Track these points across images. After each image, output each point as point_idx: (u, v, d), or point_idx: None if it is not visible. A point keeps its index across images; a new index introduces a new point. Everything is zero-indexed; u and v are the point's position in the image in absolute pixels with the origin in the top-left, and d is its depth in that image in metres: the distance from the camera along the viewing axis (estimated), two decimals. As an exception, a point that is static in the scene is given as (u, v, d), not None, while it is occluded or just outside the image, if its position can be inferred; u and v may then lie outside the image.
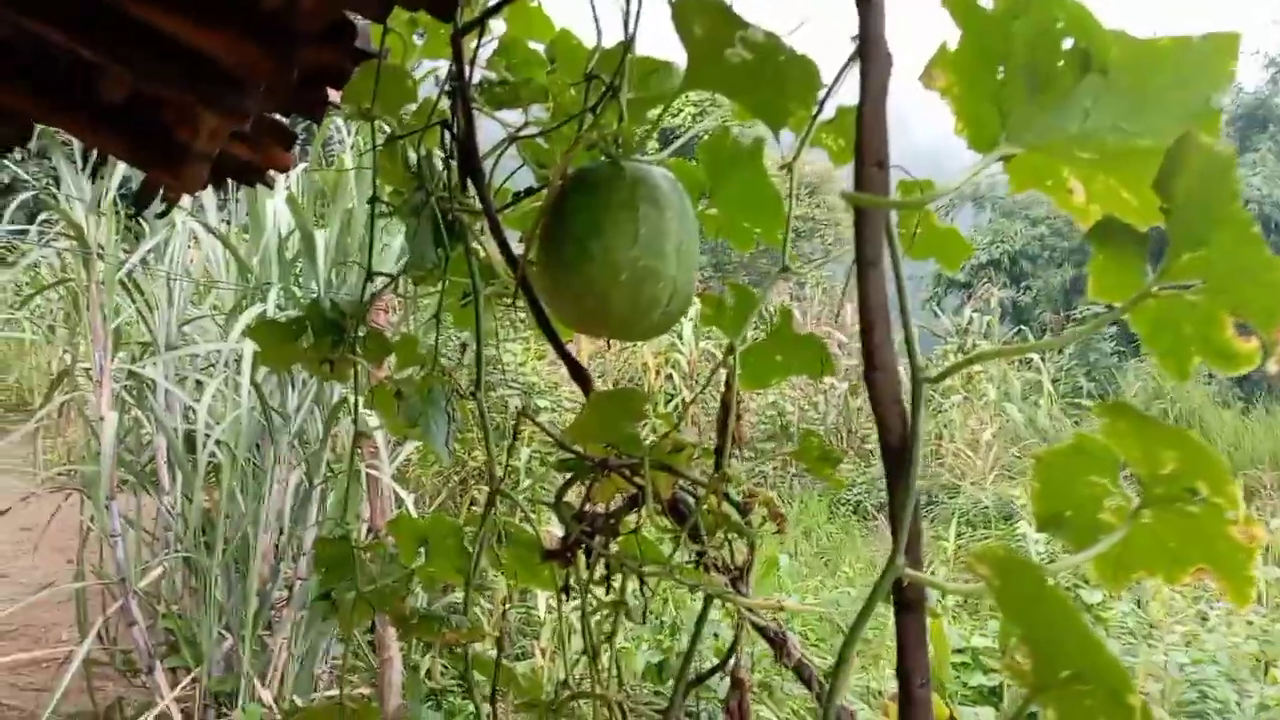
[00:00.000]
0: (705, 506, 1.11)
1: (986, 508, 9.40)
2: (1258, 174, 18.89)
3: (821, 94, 1.03)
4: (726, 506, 1.15)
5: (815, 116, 1.05)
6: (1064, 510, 1.07)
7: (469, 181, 1.40)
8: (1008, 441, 11.68)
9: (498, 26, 1.73)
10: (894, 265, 0.99)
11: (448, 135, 1.49)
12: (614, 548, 1.19)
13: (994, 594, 0.80)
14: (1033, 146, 0.91)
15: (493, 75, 1.66)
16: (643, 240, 1.07)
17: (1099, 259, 0.97)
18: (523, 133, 1.39)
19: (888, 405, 0.98)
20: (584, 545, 1.13)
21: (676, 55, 1.34)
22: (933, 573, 7.34)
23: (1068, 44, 0.90)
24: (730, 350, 1.02)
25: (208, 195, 5.56)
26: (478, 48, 1.65)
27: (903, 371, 1.02)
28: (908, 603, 0.95)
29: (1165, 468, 0.96)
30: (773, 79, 1.00)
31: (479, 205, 1.48)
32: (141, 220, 5.77)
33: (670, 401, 11.05)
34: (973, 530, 8.84)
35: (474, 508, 7.27)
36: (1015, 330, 17.53)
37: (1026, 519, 7.36)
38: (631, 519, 1.20)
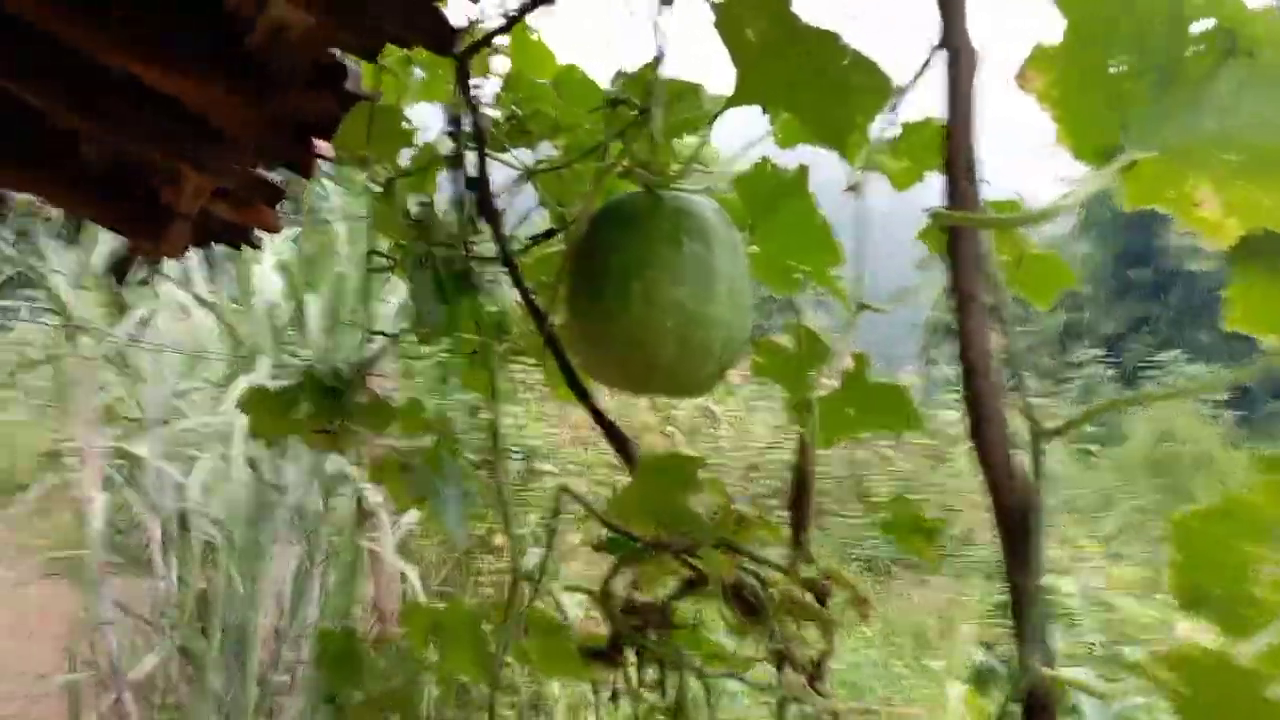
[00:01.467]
0: (781, 593, 0.94)
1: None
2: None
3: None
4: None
5: (893, 126, 0.91)
6: (1209, 584, 0.90)
7: (476, 227, 1.25)
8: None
9: (499, 63, 1.60)
10: (997, 300, 0.85)
11: (453, 178, 1.35)
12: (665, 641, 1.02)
13: (1177, 702, 0.63)
14: (1164, 150, 0.76)
15: (497, 114, 1.53)
16: (690, 280, 0.91)
17: (1242, 284, 0.82)
18: (539, 168, 1.25)
19: (999, 463, 0.82)
20: (634, 642, 0.97)
21: (702, 78, 1.20)
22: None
23: (1197, 28, 0.77)
24: (806, 407, 0.86)
25: (195, 265, 5.42)
26: (480, 88, 1.52)
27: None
28: (1040, 705, 0.79)
29: (1347, 530, 0.80)
30: (835, 88, 0.85)
31: (487, 252, 1.34)
32: (128, 293, 5.63)
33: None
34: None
35: (477, 579, 7.02)
36: (1011, 375, 17.36)
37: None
38: (686, 607, 1.04)
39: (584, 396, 1.10)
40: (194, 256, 5.27)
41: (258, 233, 2.44)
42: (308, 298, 4.73)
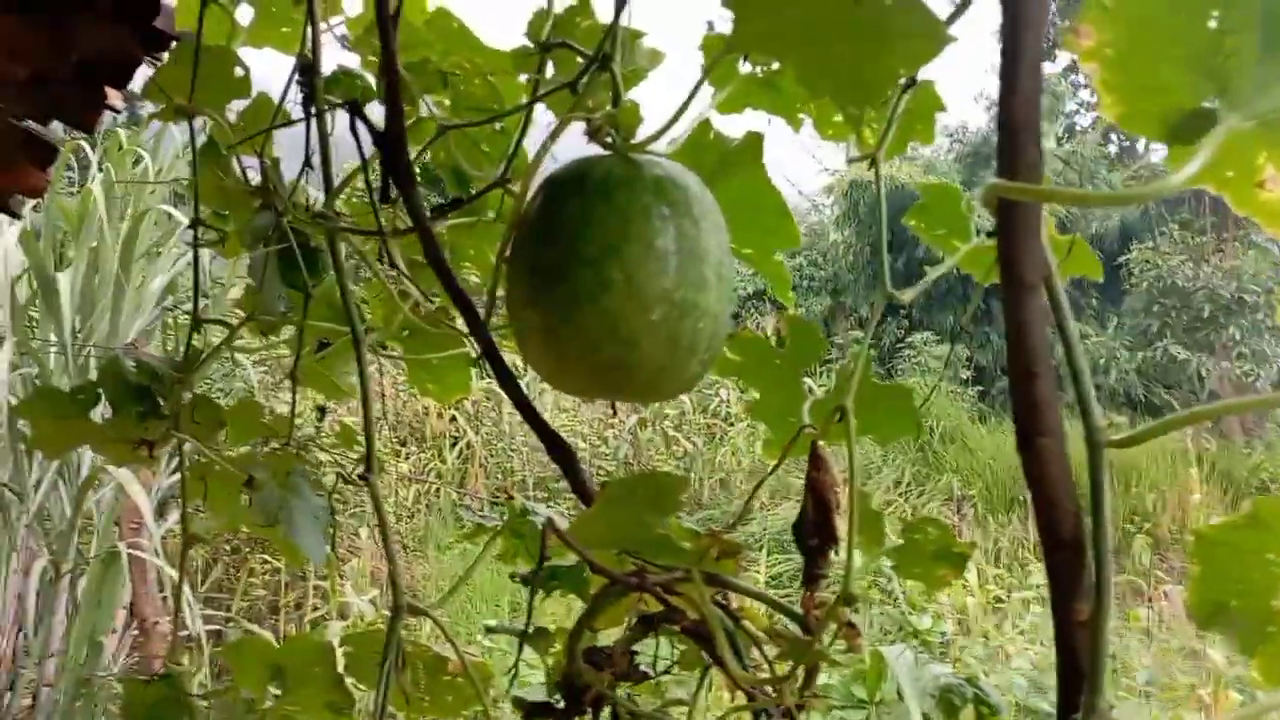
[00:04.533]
0: (763, 629, 0.81)
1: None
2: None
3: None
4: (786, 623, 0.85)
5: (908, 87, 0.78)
6: (1228, 600, 0.84)
7: (389, 196, 1.02)
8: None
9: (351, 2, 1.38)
10: (1049, 288, 0.73)
11: (316, 137, 1.12)
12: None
13: None
14: (1260, 119, 0.67)
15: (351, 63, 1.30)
16: (678, 263, 0.75)
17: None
18: (454, 124, 1.03)
19: (1058, 484, 0.71)
20: (605, 698, 0.80)
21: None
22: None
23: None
24: (840, 415, 0.72)
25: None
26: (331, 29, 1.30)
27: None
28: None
29: None
30: (871, 32, 0.71)
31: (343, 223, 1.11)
32: None
33: (455, 447, 10.47)
34: (785, 554, 8.76)
35: (251, 579, 6.51)
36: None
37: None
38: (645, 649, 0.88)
39: (522, 402, 0.90)
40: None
41: (18, 198, 2.04)
42: (59, 275, 4.13)
